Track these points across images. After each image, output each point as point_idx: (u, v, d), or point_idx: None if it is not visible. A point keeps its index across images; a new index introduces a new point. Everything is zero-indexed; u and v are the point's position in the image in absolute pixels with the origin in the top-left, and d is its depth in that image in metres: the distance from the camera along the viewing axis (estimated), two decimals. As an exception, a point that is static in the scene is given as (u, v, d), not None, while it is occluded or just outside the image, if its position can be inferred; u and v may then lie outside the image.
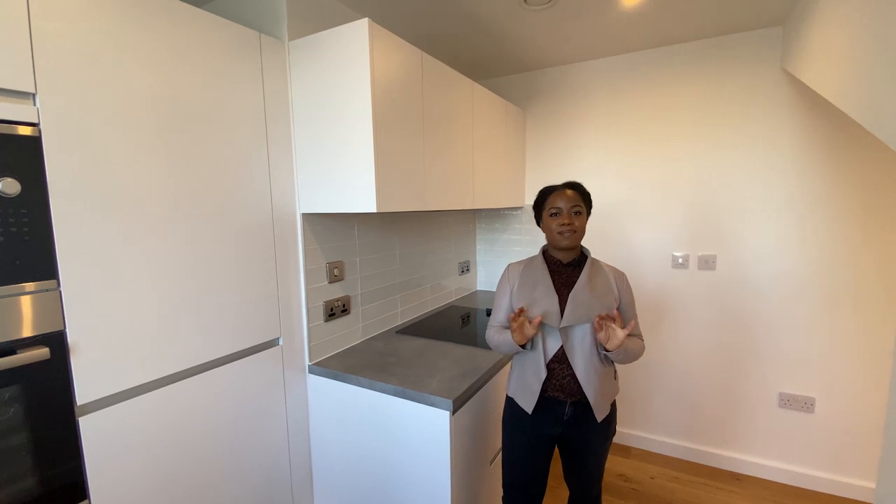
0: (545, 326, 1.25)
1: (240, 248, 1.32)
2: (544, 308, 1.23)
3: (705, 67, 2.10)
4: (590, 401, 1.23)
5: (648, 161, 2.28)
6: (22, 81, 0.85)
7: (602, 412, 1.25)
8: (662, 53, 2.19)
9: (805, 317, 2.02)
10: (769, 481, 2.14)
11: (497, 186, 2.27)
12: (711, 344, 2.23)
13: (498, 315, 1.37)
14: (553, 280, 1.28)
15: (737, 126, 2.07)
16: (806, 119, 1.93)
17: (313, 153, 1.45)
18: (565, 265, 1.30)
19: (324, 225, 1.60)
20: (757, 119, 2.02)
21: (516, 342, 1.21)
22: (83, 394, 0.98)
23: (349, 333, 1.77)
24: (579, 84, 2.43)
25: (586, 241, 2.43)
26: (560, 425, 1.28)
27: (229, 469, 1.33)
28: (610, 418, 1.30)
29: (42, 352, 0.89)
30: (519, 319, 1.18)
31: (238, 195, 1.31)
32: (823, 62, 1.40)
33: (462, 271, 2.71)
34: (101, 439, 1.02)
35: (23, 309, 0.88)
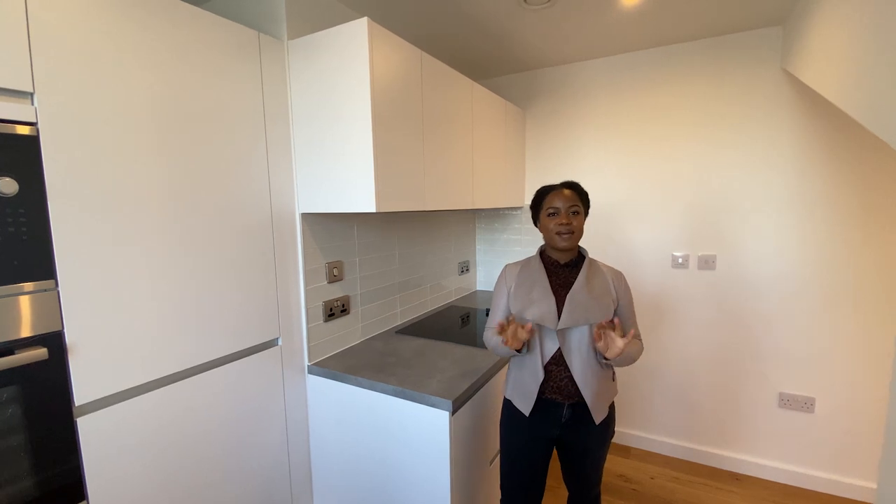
0: (542, 328, 1.24)
1: (239, 248, 1.32)
2: (541, 310, 1.22)
3: (705, 67, 2.10)
4: (587, 403, 1.22)
5: (648, 161, 2.28)
6: (20, 81, 0.85)
7: (600, 414, 1.24)
8: (662, 53, 2.19)
9: (805, 316, 2.02)
10: (769, 481, 2.13)
11: (497, 186, 2.26)
12: (711, 344, 2.23)
13: (496, 316, 1.36)
14: (550, 281, 1.27)
15: (737, 126, 2.06)
16: (806, 119, 1.93)
17: (313, 153, 1.44)
18: (563, 266, 1.29)
19: (323, 225, 1.60)
20: (757, 119, 2.02)
21: (511, 348, 1.19)
22: (81, 394, 0.97)
23: (348, 333, 1.77)
24: (579, 84, 2.42)
25: (586, 242, 2.43)
26: (558, 427, 1.27)
27: (228, 469, 1.33)
28: (608, 420, 1.29)
29: (40, 352, 0.89)
30: (509, 328, 1.17)
31: (237, 195, 1.31)
32: (824, 62, 1.40)
33: (462, 271, 2.71)
34: (100, 440, 1.01)
35: (21, 309, 0.87)
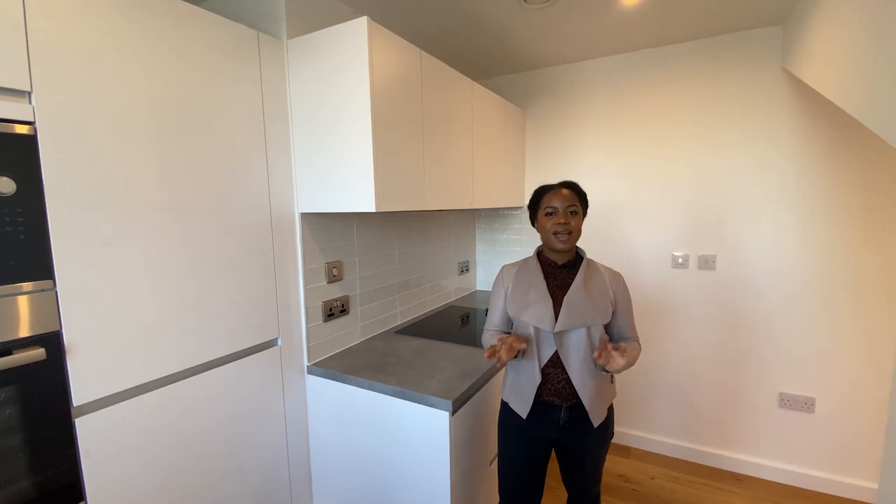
0: (539, 331, 1.23)
1: (238, 248, 1.32)
2: (538, 312, 1.21)
3: (705, 67, 2.10)
4: (585, 406, 1.21)
5: (648, 161, 2.28)
6: (17, 79, 0.85)
7: (598, 417, 1.23)
8: (662, 53, 2.19)
9: (805, 316, 2.01)
10: (769, 481, 2.13)
11: (496, 186, 2.26)
12: (711, 344, 2.22)
13: (493, 318, 1.35)
14: (547, 283, 1.26)
15: (737, 126, 2.06)
16: (806, 119, 1.93)
17: (312, 152, 1.44)
18: (560, 267, 1.28)
19: (322, 225, 1.60)
20: (757, 119, 2.02)
21: (504, 360, 1.16)
22: (80, 395, 0.97)
23: (348, 334, 1.76)
24: (579, 84, 2.42)
25: (586, 242, 2.42)
26: (556, 430, 1.26)
27: (228, 470, 1.33)
28: (607, 422, 1.28)
29: (38, 352, 0.89)
30: (502, 347, 1.13)
31: (236, 195, 1.30)
32: (824, 61, 1.39)
33: (461, 271, 2.71)
34: (98, 440, 1.01)
35: (19, 309, 0.87)
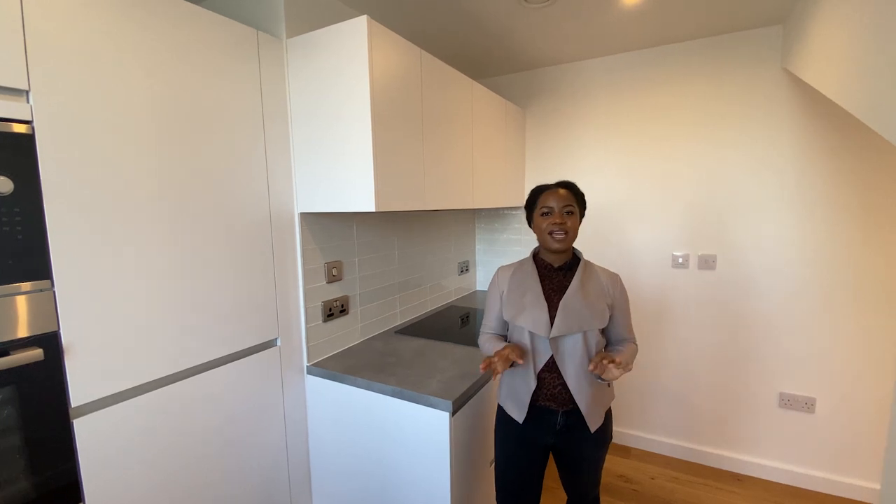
0: (535, 335, 1.20)
1: (237, 249, 1.31)
2: (533, 317, 1.19)
3: (705, 67, 2.10)
4: (582, 411, 1.19)
5: (648, 161, 2.28)
6: (15, 78, 0.84)
7: (595, 422, 1.21)
8: (662, 53, 2.19)
9: (805, 316, 2.01)
10: (769, 481, 2.13)
11: (496, 186, 2.26)
12: (711, 343, 2.22)
13: (489, 321, 1.34)
14: (543, 286, 1.23)
15: (737, 126, 2.06)
16: (806, 119, 1.92)
17: (311, 152, 1.43)
18: (556, 269, 1.25)
19: (322, 224, 1.59)
20: (757, 119, 2.02)
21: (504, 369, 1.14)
22: (78, 395, 0.96)
23: (348, 334, 1.76)
24: (579, 83, 2.42)
25: (586, 242, 2.42)
26: (552, 435, 1.24)
27: (227, 470, 1.32)
28: (605, 426, 1.26)
29: (36, 353, 0.88)
30: (498, 360, 1.11)
31: (235, 195, 1.30)
32: (824, 61, 1.39)
33: (461, 271, 2.70)
34: (97, 441, 1.01)
35: (17, 309, 0.87)
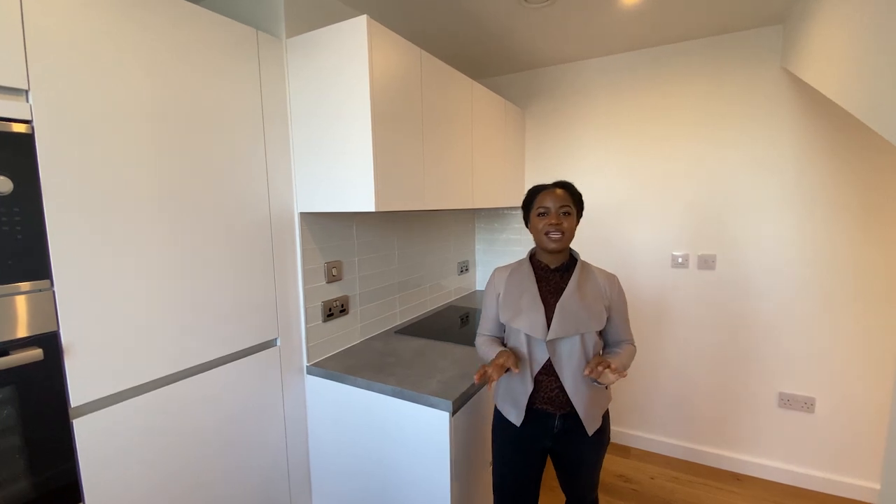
0: (531, 338, 1.19)
1: (237, 248, 1.31)
2: (530, 320, 1.18)
3: (705, 67, 2.10)
4: (579, 414, 1.18)
5: (648, 161, 2.28)
6: (14, 78, 0.84)
7: (593, 425, 1.21)
8: (662, 52, 2.19)
9: (805, 316, 2.01)
10: (769, 481, 2.13)
11: (496, 186, 2.26)
12: (711, 343, 2.22)
13: (486, 323, 1.32)
14: (540, 287, 1.22)
15: (737, 126, 2.06)
16: (806, 119, 1.92)
17: (311, 152, 1.43)
18: (553, 270, 1.24)
19: (322, 224, 1.59)
20: (757, 119, 2.02)
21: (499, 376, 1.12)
22: (77, 395, 0.96)
23: (347, 334, 1.76)
24: (579, 83, 2.42)
25: (585, 242, 2.42)
26: (550, 439, 1.23)
27: (226, 470, 1.32)
28: (603, 428, 1.25)
29: (35, 353, 0.88)
30: (493, 370, 1.10)
31: (235, 194, 1.30)
32: (824, 61, 1.39)
33: (461, 271, 2.70)
34: (96, 441, 1.00)
35: (16, 309, 0.86)
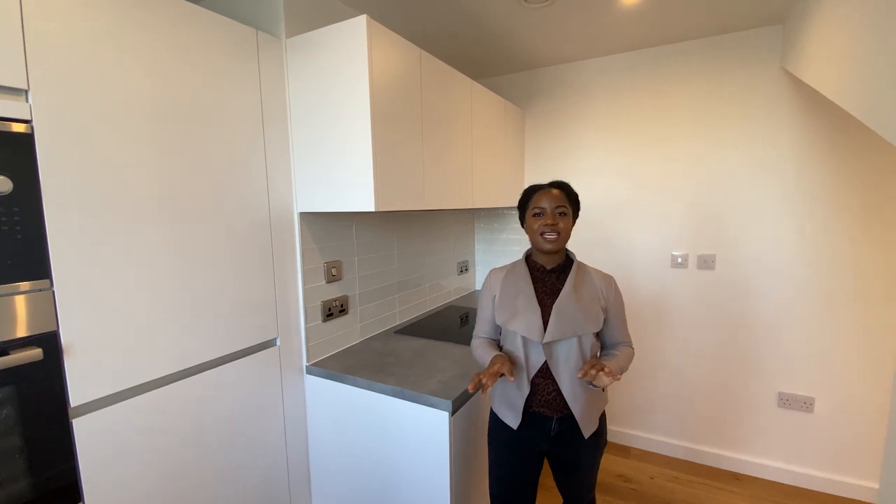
0: (528, 340, 1.18)
1: (236, 248, 1.31)
2: (526, 322, 1.17)
3: (705, 67, 2.10)
4: (576, 417, 1.17)
5: (648, 161, 2.28)
6: (14, 77, 0.84)
7: (590, 428, 1.19)
8: (662, 52, 2.19)
9: (805, 316, 2.01)
10: (769, 481, 2.13)
11: (496, 186, 2.26)
12: (711, 343, 2.22)
13: (482, 325, 1.31)
14: (536, 289, 1.21)
15: (737, 126, 2.06)
16: (806, 119, 1.92)
17: (311, 152, 1.43)
18: (549, 271, 1.23)
19: (321, 224, 1.59)
20: (757, 119, 2.02)
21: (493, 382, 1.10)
22: (77, 395, 0.96)
23: (347, 333, 1.76)
24: (579, 83, 2.42)
25: (585, 242, 2.43)
26: (547, 442, 1.22)
27: (226, 470, 1.32)
28: (600, 430, 1.24)
29: (35, 352, 0.88)
30: (488, 377, 1.07)
31: (235, 194, 1.30)
32: (824, 61, 1.39)
33: (461, 271, 2.70)
34: (96, 441, 1.00)
35: (15, 309, 0.86)
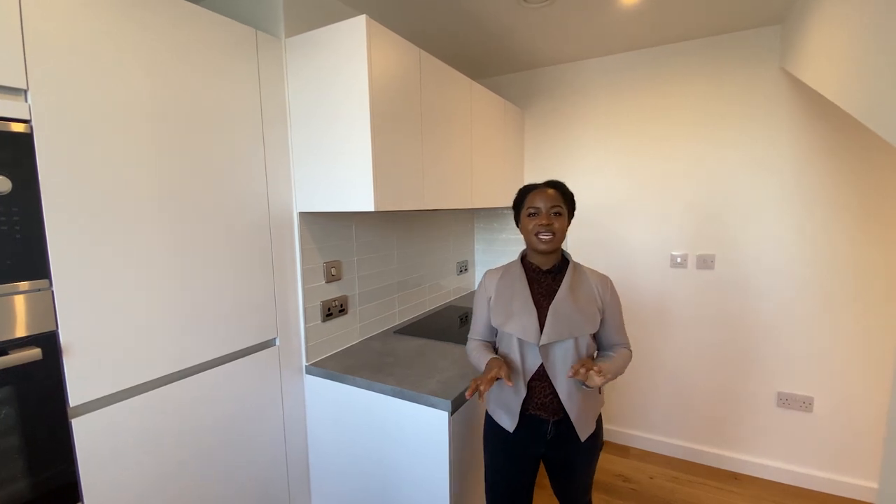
0: (524, 343, 1.17)
1: (236, 248, 1.31)
2: (522, 324, 1.15)
3: (704, 67, 2.10)
4: (572, 420, 1.16)
5: (648, 161, 2.28)
6: (13, 77, 0.84)
7: (586, 431, 1.19)
8: (661, 52, 2.19)
9: (804, 316, 2.01)
10: (768, 481, 2.13)
11: (495, 186, 2.26)
12: (710, 343, 2.22)
13: (477, 327, 1.29)
14: (532, 290, 1.20)
15: (736, 126, 2.06)
16: (805, 119, 1.93)
17: (310, 152, 1.43)
18: (545, 272, 1.21)
19: (321, 224, 1.59)
20: (756, 119, 2.02)
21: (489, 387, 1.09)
22: (76, 395, 0.96)
23: (347, 333, 1.76)
24: (578, 83, 2.42)
25: (584, 243, 2.43)
26: (543, 445, 1.21)
27: (225, 470, 1.32)
28: (596, 433, 1.23)
29: (34, 352, 0.88)
30: (484, 384, 1.06)
31: (234, 194, 1.29)
32: (823, 61, 1.39)
33: (460, 271, 2.70)
34: (95, 441, 1.00)
35: (14, 309, 0.86)
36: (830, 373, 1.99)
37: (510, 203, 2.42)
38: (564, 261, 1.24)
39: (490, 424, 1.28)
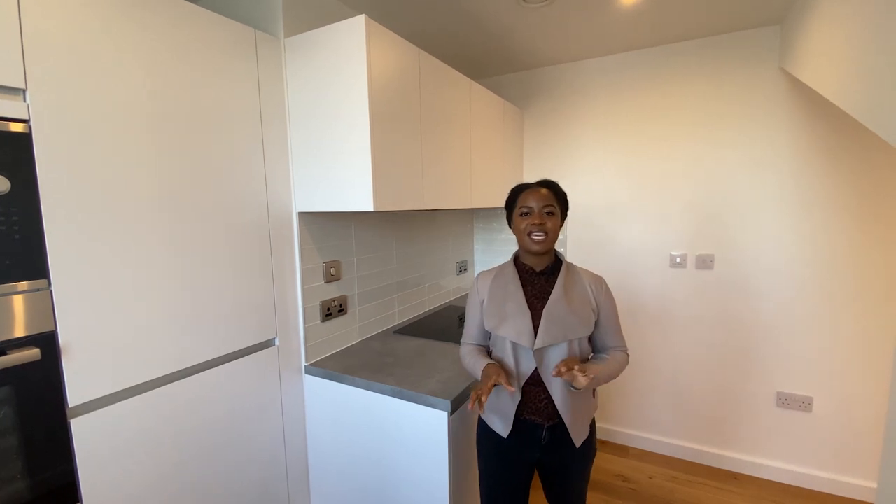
0: (518, 346, 1.15)
1: (235, 248, 1.31)
2: (516, 327, 1.13)
3: (704, 67, 2.10)
4: (566, 425, 1.14)
5: (647, 161, 2.28)
6: (11, 77, 0.84)
7: (581, 436, 1.17)
8: (661, 52, 2.19)
9: (803, 316, 2.02)
10: (767, 481, 2.13)
11: (495, 186, 2.26)
12: (709, 343, 2.22)
13: (470, 330, 1.27)
14: (525, 292, 1.17)
15: (735, 126, 2.06)
16: (804, 119, 1.93)
17: (310, 152, 1.43)
18: (538, 274, 1.19)
19: (320, 224, 1.59)
20: (756, 119, 2.02)
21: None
22: (75, 395, 0.96)
23: (346, 333, 1.76)
24: (578, 83, 2.42)
25: (583, 243, 2.43)
26: (538, 450, 1.18)
27: (224, 470, 1.32)
28: (590, 438, 1.21)
29: (33, 352, 0.88)
30: (484, 392, 1.03)
31: (234, 194, 1.29)
32: (823, 61, 1.39)
33: (460, 271, 2.70)
34: (94, 441, 1.00)
35: (13, 309, 0.86)
36: (830, 373, 1.99)
37: (509, 203, 2.45)
38: (558, 261, 1.22)
39: (483, 429, 1.25)
